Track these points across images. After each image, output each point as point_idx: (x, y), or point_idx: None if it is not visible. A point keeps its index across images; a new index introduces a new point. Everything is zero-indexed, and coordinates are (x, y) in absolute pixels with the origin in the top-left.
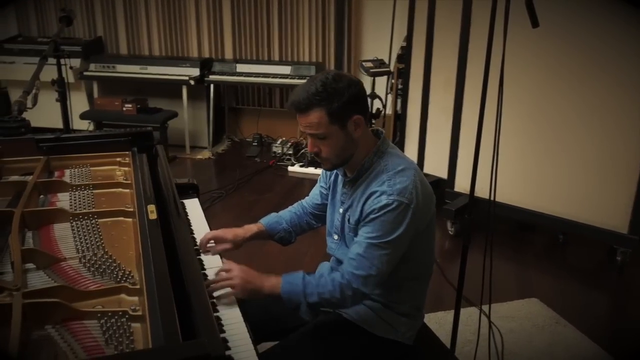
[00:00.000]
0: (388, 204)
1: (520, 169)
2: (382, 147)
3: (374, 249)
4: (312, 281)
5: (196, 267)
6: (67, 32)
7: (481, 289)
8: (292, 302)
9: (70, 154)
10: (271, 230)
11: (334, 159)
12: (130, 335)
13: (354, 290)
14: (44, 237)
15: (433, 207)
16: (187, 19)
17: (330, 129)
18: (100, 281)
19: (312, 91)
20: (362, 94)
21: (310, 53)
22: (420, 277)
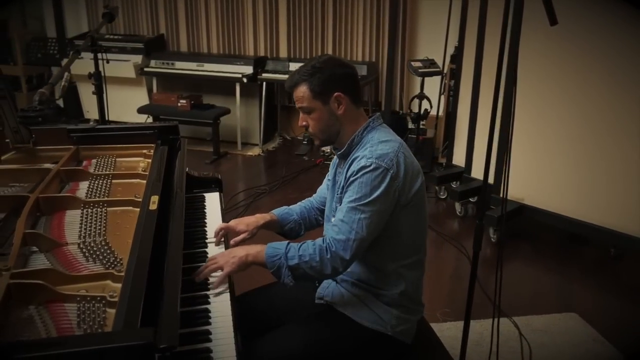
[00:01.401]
0: (366, 166)
1: (572, 178)
2: (372, 124)
3: (353, 212)
4: (296, 246)
5: (178, 260)
6: (132, 30)
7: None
8: (274, 265)
9: (98, 144)
10: (282, 221)
11: (319, 134)
12: (102, 320)
13: (332, 254)
14: (55, 222)
15: (419, 185)
16: (245, 17)
17: (313, 103)
18: (92, 266)
19: (301, 71)
20: (347, 75)
21: (364, 52)
22: (404, 261)
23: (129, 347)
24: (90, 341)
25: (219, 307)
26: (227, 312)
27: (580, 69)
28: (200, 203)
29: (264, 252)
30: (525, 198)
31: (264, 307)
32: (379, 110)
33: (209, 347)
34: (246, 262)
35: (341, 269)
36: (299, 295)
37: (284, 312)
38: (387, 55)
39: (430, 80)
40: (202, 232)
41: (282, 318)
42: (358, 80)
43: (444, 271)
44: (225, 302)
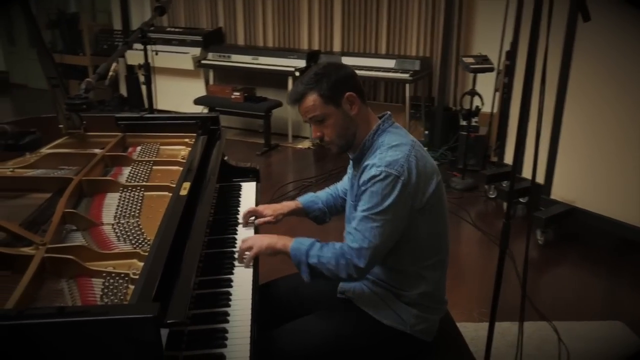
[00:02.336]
0: (375, 175)
1: (628, 181)
2: (383, 126)
3: (366, 222)
4: (318, 245)
5: (198, 243)
6: (192, 23)
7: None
8: (296, 258)
9: (144, 132)
10: (307, 209)
11: (337, 139)
12: (122, 295)
13: (348, 262)
14: (95, 203)
15: (434, 186)
16: (300, 11)
17: (326, 109)
18: (121, 245)
19: (305, 81)
20: (350, 75)
21: (418, 47)
22: (424, 262)
23: (134, 319)
24: (98, 312)
25: (240, 291)
26: (247, 297)
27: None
28: (236, 192)
29: (290, 244)
30: (577, 200)
31: (287, 296)
32: (432, 106)
33: (225, 328)
34: (275, 247)
35: (356, 276)
36: (323, 287)
37: (306, 302)
38: (442, 51)
39: (485, 76)
40: (234, 219)
41: (304, 308)
42: (359, 80)
43: (486, 271)
44: (247, 287)
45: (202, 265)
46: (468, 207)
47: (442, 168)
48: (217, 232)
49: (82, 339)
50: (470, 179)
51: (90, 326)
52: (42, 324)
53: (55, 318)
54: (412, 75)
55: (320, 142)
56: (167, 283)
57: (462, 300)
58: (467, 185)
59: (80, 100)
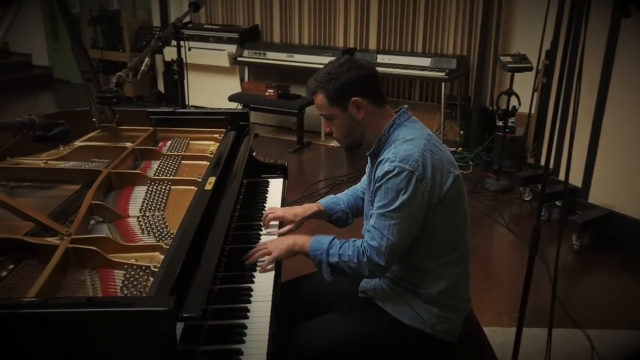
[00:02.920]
0: (389, 171)
1: None
2: (398, 120)
3: (383, 219)
4: (338, 243)
5: (219, 238)
6: (229, 20)
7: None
8: (316, 259)
9: (174, 127)
10: (329, 210)
11: (343, 139)
12: (142, 288)
13: (368, 259)
14: (123, 195)
15: (451, 180)
16: (336, 9)
17: (331, 110)
18: (145, 238)
19: (318, 77)
20: (363, 77)
21: (455, 46)
22: (443, 259)
23: (149, 312)
24: (114, 303)
25: (261, 288)
26: (268, 294)
27: None
28: (264, 188)
29: (309, 244)
30: (615, 205)
31: (308, 294)
32: (468, 106)
33: (244, 324)
34: (293, 250)
35: (378, 273)
36: (344, 285)
37: (328, 301)
38: (479, 49)
39: (524, 76)
40: (259, 215)
41: (326, 307)
42: (378, 80)
43: (518, 275)
44: (269, 284)
45: (226, 260)
46: (502, 209)
47: (476, 169)
48: (241, 227)
49: (97, 329)
50: (505, 181)
51: (105, 317)
52: (57, 314)
53: (70, 308)
54: (448, 74)
55: (332, 137)
56: (186, 277)
57: (492, 304)
58: (501, 187)
59: (111, 94)
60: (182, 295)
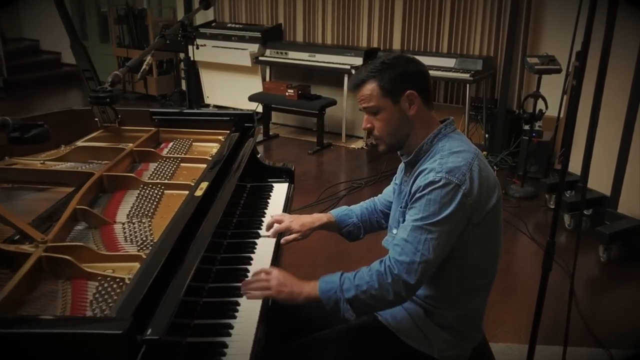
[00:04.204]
0: (435, 181)
1: None
2: (444, 131)
3: (419, 232)
4: (350, 276)
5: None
6: (253, 19)
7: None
8: (331, 301)
9: (177, 128)
10: (340, 223)
11: (387, 137)
12: (112, 302)
13: (395, 278)
14: (114, 200)
15: (495, 201)
16: (360, 8)
17: (382, 102)
18: (127, 247)
19: (369, 68)
20: (419, 72)
21: (481, 46)
22: (471, 283)
23: (101, 335)
24: (65, 324)
25: (250, 302)
26: (256, 309)
27: None
28: (267, 193)
29: (317, 289)
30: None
31: (307, 307)
32: (495, 108)
33: (224, 342)
34: (296, 300)
35: (404, 294)
36: None
37: (327, 315)
38: (505, 50)
39: (552, 78)
40: (258, 221)
41: (324, 321)
42: (430, 80)
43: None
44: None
45: (216, 269)
46: (525, 217)
47: (501, 174)
48: (237, 235)
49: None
50: (531, 187)
51: (54, 339)
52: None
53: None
54: (474, 75)
55: (369, 135)
56: (157, 293)
57: (509, 318)
58: (526, 193)
59: (105, 94)
60: (148, 315)
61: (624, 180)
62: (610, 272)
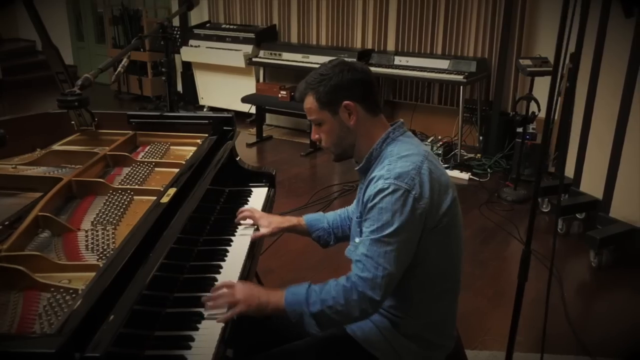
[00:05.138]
0: (384, 189)
1: None
2: (393, 134)
3: (377, 246)
4: (317, 289)
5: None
6: (247, 20)
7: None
8: (296, 314)
9: (154, 131)
10: (310, 227)
11: (332, 147)
12: (61, 315)
13: (360, 295)
14: (82, 206)
15: (449, 202)
16: (355, 9)
17: (321, 115)
18: (88, 256)
19: (308, 80)
20: (356, 81)
21: (476, 48)
22: (432, 290)
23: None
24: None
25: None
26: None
27: None
28: (245, 197)
29: (283, 300)
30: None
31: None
32: (489, 110)
33: (183, 355)
34: (265, 311)
35: (371, 310)
36: None
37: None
38: (499, 52)
39: (546, 80)
40: (231, 229)
41: (297, 333)
42: (373, 86)
43: (529, 294)
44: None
45: (183, 278)
46: (517, 221)
47: (494, 177)
48: (210, 242)
49: None
50: (524, 191)
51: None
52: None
53: None
54: (467, 77)
55: (319, 145)
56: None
57: (497, 325)
58: (519, 196)
59: (74, 97)
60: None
61: (615, 184)
62: (602, 277)
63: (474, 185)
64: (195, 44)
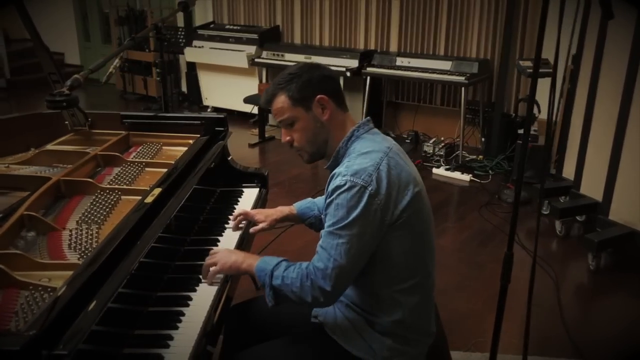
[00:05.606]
0: (340, 185)
1: None
2: (357, 132)
3: (331, 238)
4: (284, 265)
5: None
6: (251, 21)
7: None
8: (261, 280)
9: (146, 132)
10: (302, 215)
11: (307, 146)
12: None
13: (313, 283)
14: (70, 205)
15: (409, 198)
16: (357, 10)
17: (294, 112)
18: (69, 255)
19: (276, 82)
20: (325, 77)
21: (478, 49)
22: (398, 285)
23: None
24: None
25: (195, 313)
26: (199, 320)
27: None
28: (235, 198)
29: (255, 264)
30: (639, 223)
31: (264, 316)
32: (492, 112)
33: (160, 354)
34: (239, 268)
35: (323, 300)
36: (300, 309)
37: (282, 324)
38: (501, 53)
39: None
40: (220, 228)
41: (279, 331)
42: (339, 83)
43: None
44: (204, 309)
45: (167, 278)
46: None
47: (496, 178)
48: (196, 242)
49: None
50: (524, 192)
51: None
52: None
53: None
54: (469, 78)
55: (291, 148)
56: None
57: (491, 328)
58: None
59: (62, 97)
60: (63, 328)
61: (615, 186)
62: (599, 280)
63: (475, 187)
64: (199, 45)
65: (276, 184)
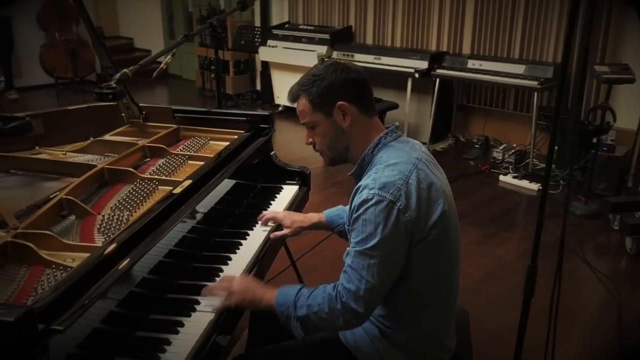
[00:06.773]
0: (368, 199)
1: None
2: (385, 140)
3: (360, 258)
4: (306, 293)
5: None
6: (325, 21)
7: None
8: (283, 315)
9: (196, 126)
10: (331, 223)
11: (327, 151)
12: None
13: (344, 305)
14: (110, 192)
15: (439, 212)
16: (431, 11)
17: (314, 116)
18: (97, 238)
19: (300, 82)
20: (349, 81)
21: (556, 53)
22: (419, 302)
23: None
24: None
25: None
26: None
27: None
28: (273, 194)
29: (274, 299)
30: None
31: None
32: (565, 119)
33: (167, 339)
34: (258, 306)
35: (354, 321)
36: None
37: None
38: (577, 57)
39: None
40: (253, 222)
41: None
42: (367, 87)
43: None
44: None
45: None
46: (583, 237)
47: (566, 189)
48: (226, 235)
49: None
50: (595, 205)
51: None
52: None
53: None
54: (542, 83)
55: (314, 149)
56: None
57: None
58: (589, 211)
59: (109, 90)
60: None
61: None
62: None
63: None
64: (273, 44)
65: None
